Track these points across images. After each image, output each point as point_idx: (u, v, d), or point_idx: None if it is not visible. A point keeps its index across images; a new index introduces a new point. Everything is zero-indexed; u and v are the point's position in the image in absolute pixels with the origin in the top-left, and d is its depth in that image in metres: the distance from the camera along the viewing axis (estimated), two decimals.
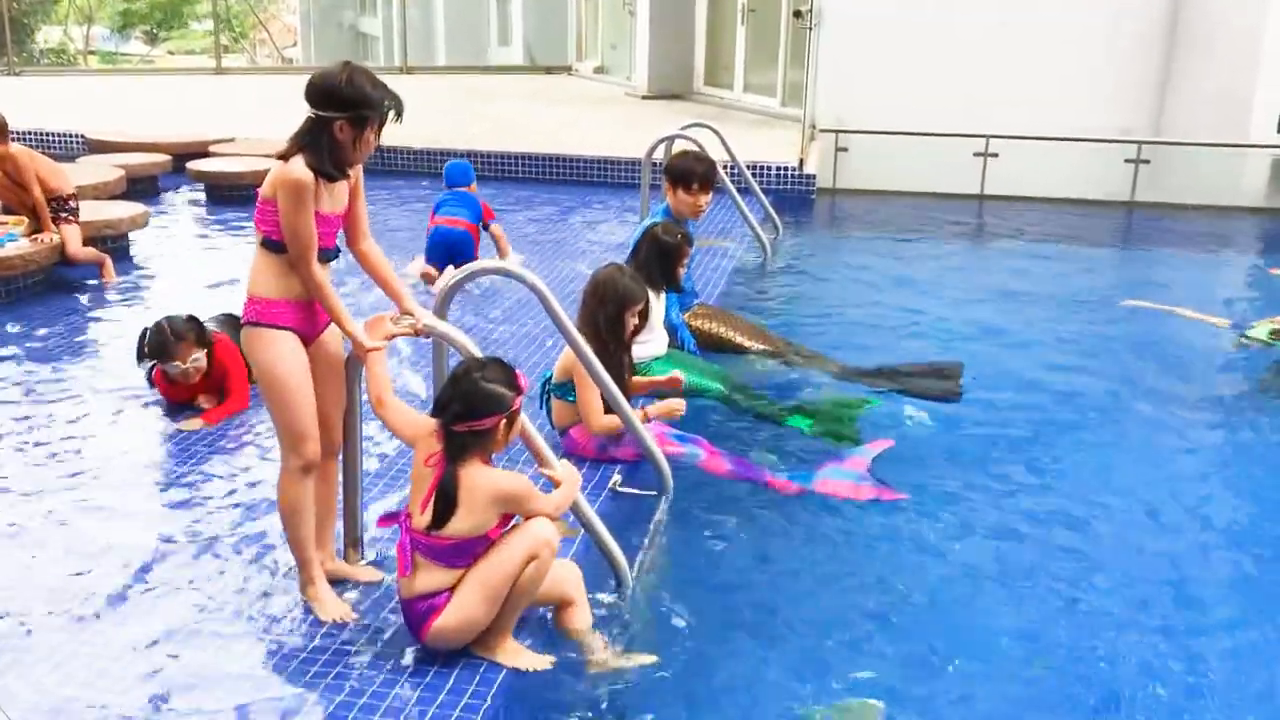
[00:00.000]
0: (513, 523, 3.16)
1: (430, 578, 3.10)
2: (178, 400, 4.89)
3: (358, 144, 3.18)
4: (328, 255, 3.26)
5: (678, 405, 4.56)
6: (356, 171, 3.31)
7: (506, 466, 3.81)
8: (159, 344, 4.76)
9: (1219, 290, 7.98)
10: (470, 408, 3.06)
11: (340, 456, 3.53)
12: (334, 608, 3.38)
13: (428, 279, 6.71)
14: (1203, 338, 6.64)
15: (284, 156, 3.17)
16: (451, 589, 3.09)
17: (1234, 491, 4.79)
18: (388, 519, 3.26)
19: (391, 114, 3.21)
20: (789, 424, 5.10)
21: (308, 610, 3.38)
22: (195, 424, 4.71)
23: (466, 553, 3.09)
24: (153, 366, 4.87)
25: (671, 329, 5.51)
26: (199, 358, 4.76)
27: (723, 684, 3.32)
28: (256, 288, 3.25)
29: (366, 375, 3.31)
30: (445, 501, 3.04)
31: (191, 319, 4.85)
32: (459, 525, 3.06)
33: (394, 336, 3.34)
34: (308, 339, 3.30)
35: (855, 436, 4.98)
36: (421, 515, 3.07)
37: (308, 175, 3.12)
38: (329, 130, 3.14)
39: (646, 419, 4.42)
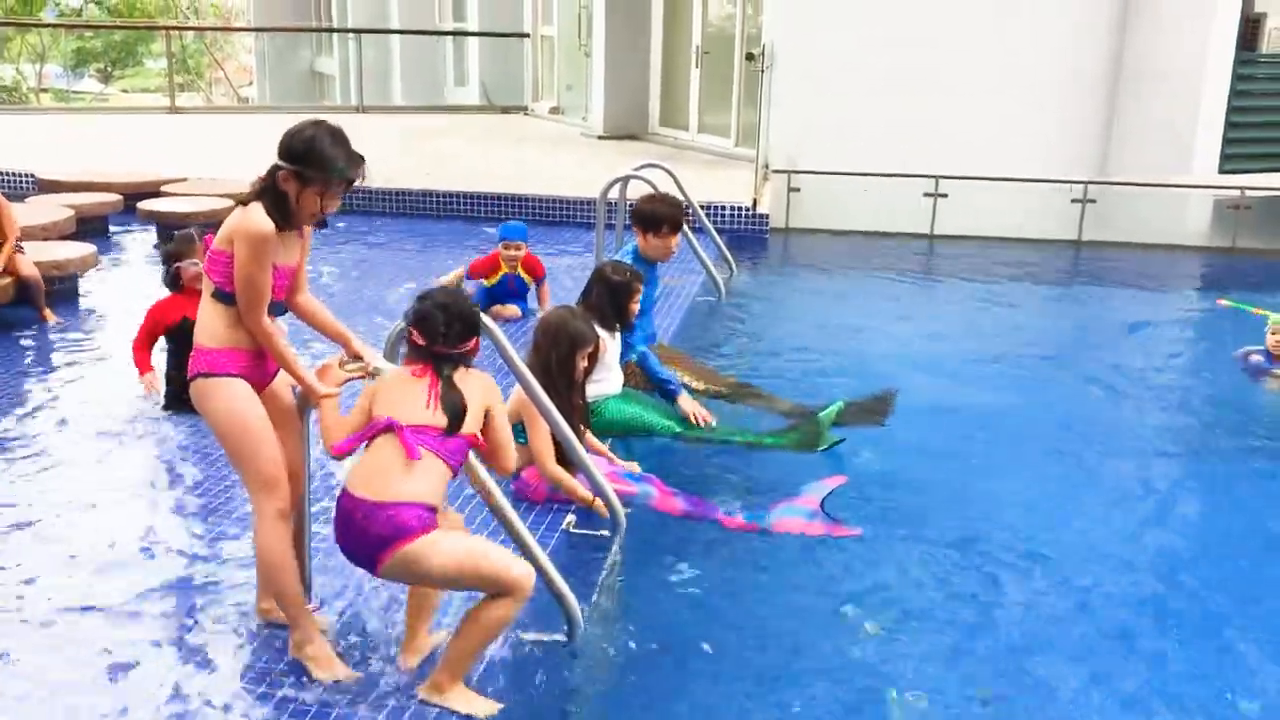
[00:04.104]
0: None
1: (423, 480, 3.04)
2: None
3: (301, 201, 3.11)
4: (278, 309, 3.22)
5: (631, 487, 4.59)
6: (307, 228, 3.26)
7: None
8: (179, 243, 5.29)
9: (1169, 320, 8.15)
10: (468, 327, 3.21)
11: None
12: (334, 666, 3.23)
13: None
14: (1153, 367, 6.81)
15: (244, 202, 3.12)
16: (428, 507, 3.03)
17: (1188, 522, 4.85)
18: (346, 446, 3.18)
19: (340, 181, 3.12)
20: (768, 443, 5.20)
21: (289, 665, 3.31)
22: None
23: (462, 453, 3.16)
24: (172, 274, 5.24)
25: (642, 361, 5.53)
26: None
27: None
28: (203, 338, 3.19)
29: (320, 422, 3.27)
30: (456, 409, 3.11)
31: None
32: (470, 424, 3.15)
33: (346, 381, 3.33)
34: (258, 388, 3.25)
35: (831, 439, 5.15)
36: (429, 412, 3.10)
37: (269, 226, 3.06)
38: (276, 179, 3.10)
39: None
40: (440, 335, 3.16)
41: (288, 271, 3.23)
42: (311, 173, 3.08)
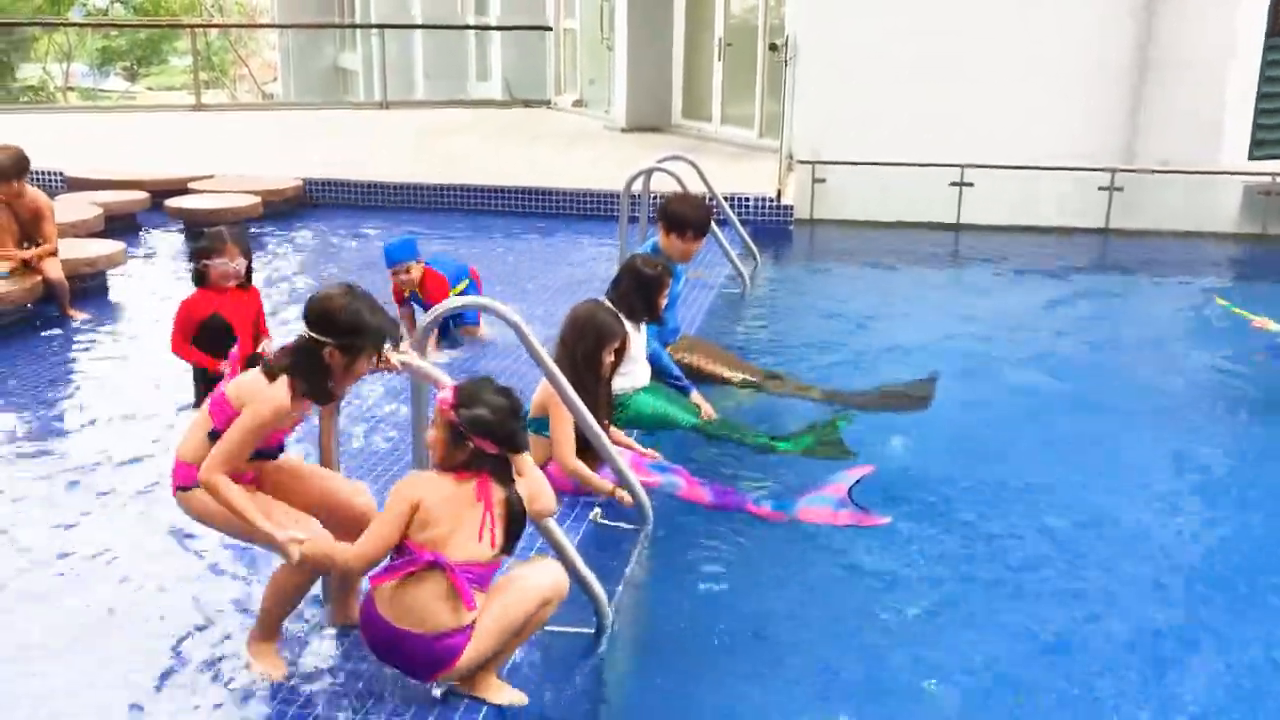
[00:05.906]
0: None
1: (475, 610, 3.06)
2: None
3: (349, 370, 3.14)
4: (274, 454, 3.28)
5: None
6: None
7: None
8: (210, 241, 5.10)
9: (1199, 306, 8.09)
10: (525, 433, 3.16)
11: None
12: (275, 665, 3.24)
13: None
14: (1185, 353, 6.79)
15: (270, 375, 3.09)
16: (473, 621, 3.06)
17: (1220, 508, 4.82)
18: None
19: (387, 345, 3.17)
20: (781, 448, 5.14)
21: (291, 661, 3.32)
22: None
23: (495, 574, 3.12)
24: (200, 269, 5.08)
25: (654, 358, 5.52)
26: (242, 264, 5.06)
27: (705, 717, 3.32)
28: (191, 455, 3.15)
29: (322, 556, 3.09)
30: (518, 528, 3.08)
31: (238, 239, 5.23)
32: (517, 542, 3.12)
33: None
34: (255, 479, 3.25)
35: (848, 451, 5.05)
36: (481, 545, 3.01)
37: (286, 402, 3.07)
38: (320, 354, 3.09)
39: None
40: (524, 444, 3.12)
41: (286, 430, 3.27)
42: (360, 342, 3.10)
